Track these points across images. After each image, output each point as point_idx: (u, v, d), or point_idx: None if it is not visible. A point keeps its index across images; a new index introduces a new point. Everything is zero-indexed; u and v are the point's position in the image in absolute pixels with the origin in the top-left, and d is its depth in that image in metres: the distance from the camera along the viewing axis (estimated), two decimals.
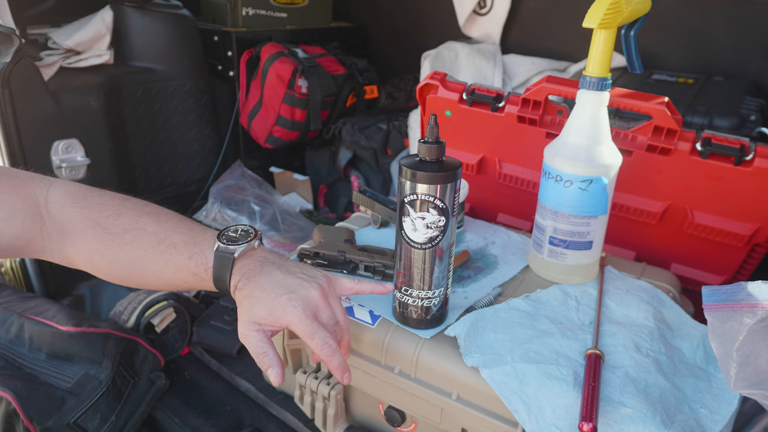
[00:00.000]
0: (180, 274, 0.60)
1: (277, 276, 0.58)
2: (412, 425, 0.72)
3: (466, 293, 0.75)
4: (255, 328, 0.57)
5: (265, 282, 0.58)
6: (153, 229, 0.60)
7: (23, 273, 1.17)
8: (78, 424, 0.80)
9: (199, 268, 0.59)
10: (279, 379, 0.56)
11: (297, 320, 0.56)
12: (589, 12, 0.65)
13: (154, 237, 0.60)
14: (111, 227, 0.60)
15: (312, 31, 1.76)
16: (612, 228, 0.78)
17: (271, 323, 0.57)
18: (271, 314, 0.57)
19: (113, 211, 0.61)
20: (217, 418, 0.88)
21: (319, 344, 0.57)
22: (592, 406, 0.54)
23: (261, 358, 0.56)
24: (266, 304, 0.57)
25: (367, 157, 1.57)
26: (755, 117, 1.03)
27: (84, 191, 0.62)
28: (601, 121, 0.70)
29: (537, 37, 1.52)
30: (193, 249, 0.60)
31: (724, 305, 0.48)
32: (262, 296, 0.57)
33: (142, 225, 0.60)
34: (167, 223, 0.61)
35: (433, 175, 0.58)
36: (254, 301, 0.57)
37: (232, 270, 0.59)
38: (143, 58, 1.39)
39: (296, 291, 0.57)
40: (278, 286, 0.58)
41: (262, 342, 0.57)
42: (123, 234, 0.60)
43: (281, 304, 0.56)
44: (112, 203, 0.62)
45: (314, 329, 0.57)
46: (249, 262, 0.60)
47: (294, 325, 0.57)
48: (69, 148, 1.20)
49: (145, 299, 0.99)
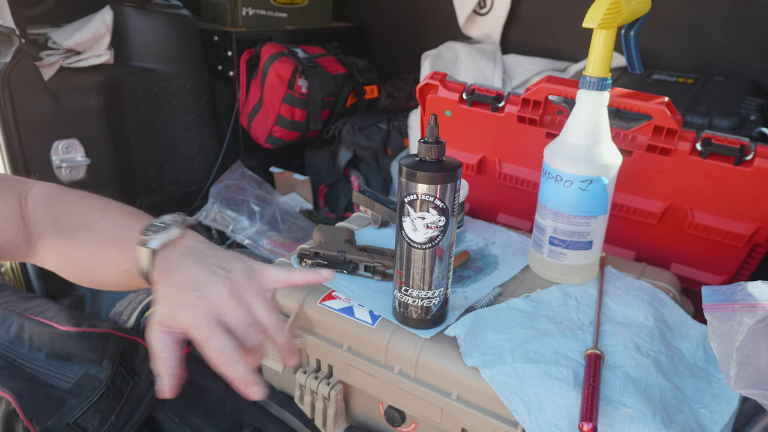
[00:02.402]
0: (117, 270, 0.56)
1: (191, 271, 0.52)
2: (412, 425, 0.72)
3: (466, 293, 0.75)
4: (160, 329, 0.50)
5: (178, 277, 0.51)
6: (100, 226, 0.57)
7: (23, 273, 1.17)
8: (78, 424, 0.80)
9: (130, 264, 0.54)
10: (168, 391, 0.49)
11: (192, 323, 0.49)
12: (589, 12, 0.65)
13: (100, 234, 0.57)
14: (65, 225, 0.58)
15: (312, 31, 1.76)
16: (612, 228, 0.78)
17: (173, 325, 0.50)
18: (171, 315, 0.50)
19: (68, 209, 0.59)
20: (217, 418, 0.87)
21: (213, 353, 0.48)
22: (592, 406, 0.54)
23: (158, 362, 0.49)
24: (169, 304, 0.50)
25: (367, 157, 1.57)
26: (755, 117, 1.03)
27: (56, 192, 0.61)
28: (601, 121, 0.70)
29: (537, 37, 1.52)
30: (125, 244, 0.54)
31: (724, 305, 0.48)
32: (168, 295, 0.51)
33: (90, 222, 0.57)
34: (116, 219, 0.58)
35: (433, 175, 0.58)
36: (161, 300, 0.51)
37: (153, 263, 0.53)
38: (143, 58, 1.39)
39: (201, 289, 0.50)
40: (189, 282, 0.51)
41: (164, 345, 0.50)
42: (75, 231, 0.57)
43: (181, 305, 0.50)
44: (69, 200, 0.60)
45: (208, 334, 0.48)
46: (170, 254, 0.53)
47: (189, 329, 0.49)
48: (69, 148, 1.20)
49: (146, 299, 0.99)
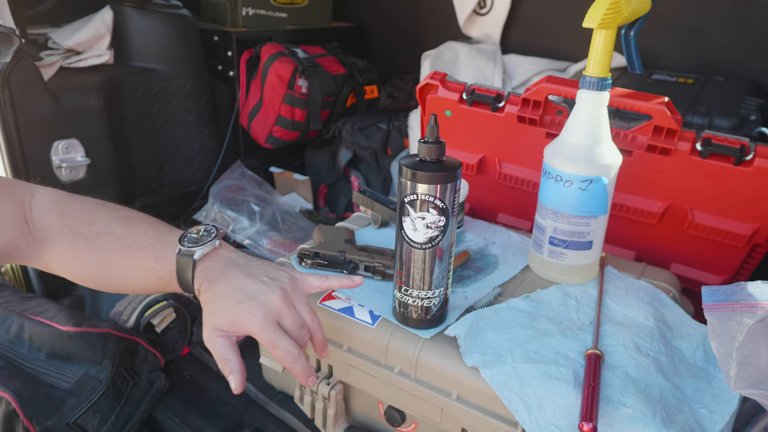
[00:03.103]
0: (149, 277, 0.60)
1: (238, 280, 0.58)
2: (412, 425, 0.72)
3: (466, 293, 0.75)
4: (219, 334, 0.56)
5: (226, 287, 0.57)
6: (123, 233, 0.60)
7: (23, 273, 1.17)
8: (78, 424, 0.80)
9: (164, 271, 0.59)
10: (239, 387, 0.56)
11: (258, 330, 0.55)
12: (589, 12, 0.65)
13: (124, 241, 0.60)
14: (85, 232, 0.60)
15: (312, 31, 1.76)
16: (612, 228, 0.78)
17: (234, 330, 0.56)
18: (233, 322, 0.56)
19: (87, 216, 0.61)
20: (217, 418, 0.87)
21: (281, 353, 0.56)
22: (592, 406, 0.54)
23: (223, 365, 0.56)
24: (227, 312, 0.56)
25: (367, 157, 1.57)
26: (755, 117, 1.03)
27: (63, 198, 0.63)
28: (601, 121, 0.70)
29: (537, 37, 1.51)
30: (158, 252, 0.59)
31: (724, 305, 0.48)
32: (222, 303, 0.57)
33: (112, 229, 0.60)
34: (137, 226, 0.61)
35: (433, 175, 0.58)
36: (216, 308, 0.57)
37: (194, 273, 0.58)
38: (143, 58, 1.39)
39: (257, 298, 0.56)
40: (239, 291, 0.57)
41: (225, 348, 0.56)
42: (95, 239, 0.60)
43: (241, 312, 0.56)
44: (86, 209, 0.62)
45: (275, 339, 0.56)
46: (211, 264, 0.59)
47: (255, 335, 0.56)
48: (69, 148, 1.20)
49: (145, 299, 0.99)
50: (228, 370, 0.56)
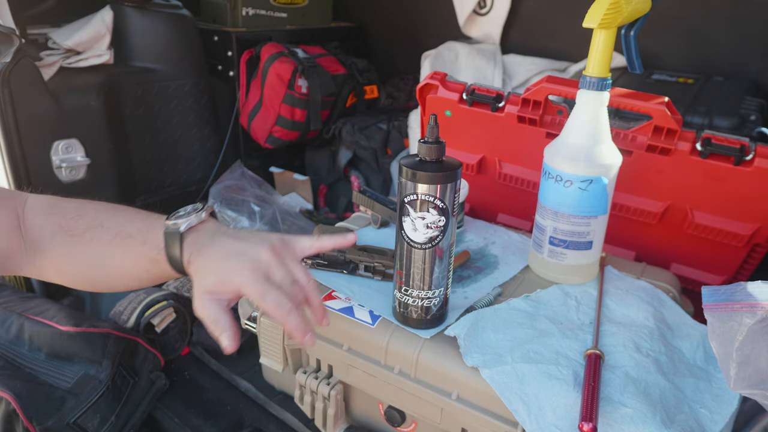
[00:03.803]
0: (139, 262, 0.59)
1: (227, 244, 0.57)
2: (412, 425, 0.72)
3: (466, 293, 0.75)
4: (208, 298, 0.55)
5: (215, 251, 0.56)
6: (110, 224, 0.60)
7: None
8: (78, 424, 0.80)
9: (153, 251, 0.58)
10: (231, 345, 0.54)
11: (245, 281, 0.54)
12: (589, 12, 0.65)
13: (112, 231, 0.60)
14: (73, 228, 0.60)
15: (312, 31, 1.76)
16: (612, 228, 0.78)
17: (223, 290, 0.55)
18: (220, 280, 0.55)
19: (75, 213, 0.61)
20: (217, 418, 0.88)
21: (272, 305, 0.54)
22: (592, 406, 0.54)
23: (213, 326, 0.54)
24: (215, 271, 0.55)
25: (367, 157, 1.57)
26: (755, 117, 1.03)
27: (53, 200, 0.63)
28: (601, 121, 0.70)
29: (537, 37, 1.51)
30: (146, 235, 0.59)
31: (723, 305, 0.48)
32: (210, 264, 0.56)
33: (100, 221, 0.60)
34: (124, 216, 0.61)
35: (433, 175, 0.58)
36: (204, 271, 0.56)
37: (182, 245, 0.57)
38: (143, 58, 1.39)
39: (245, 253, 0.55)
40: (227, 252, 0.56)
41: (215, 310, 0.54)
42: (84, 233, 0.60)
43: (229, 268, 0.54)
44: (74, 206, 0.62)
45: (265, 289, 0.54)
46: (198, 235, 0.58)
47: (244, 288, 0.54)
48: (69, 148, 1.20)
49: (145, 299, 0.99)
50: (219, 330, 0.54)
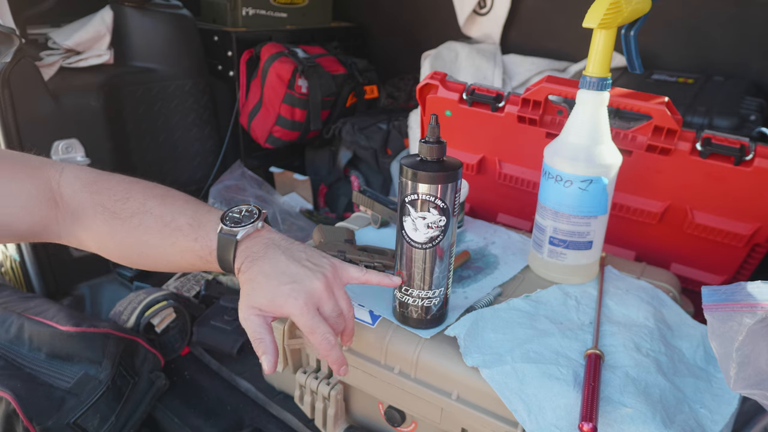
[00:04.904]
0: (186, 256, 0.60)
1: (281, 262, 0.57)
2: (412, 425, 0.72)
3: (466, 293, 0.75)
4: (255, 313, 0.56)
5: (269, 267, 0.57)
6: (159, 212, 0.60)
7: (23, 273, 1.17)
8: (78, 424, 0.80)
9: (204, 250, 0.59)
10: (271, 368, 0.56)
11: (298, 313, 0.56)
12: (589, 12, 0.65)
13: (161, 220, 0.60)
14: (119, 211, 0.60)
15: (312, 31, 1.76)
16: (612, 228, 0.78)
17: (272, 311, 0.57)
18: (273, 303, 0.56)
19: (121, 195, 0.61)
20: (217, 418, 0.88)
21: (319, 339, 0.56)
22: (592, 406, 0.54)
23: (257, 344, 0.56)
24: (268, 292, 0.56)
25: (367, 157, 1.57)
26: (755, 117, 1.03)
27: (94, 176, 0.63)
28: (601, 121, 0.70)
29: (537, 37, 1.51)
30: (197, 231, 0.59)
31: (723, 305, 0.48)
32: (264, 282, 0.56)
33: (148, 208, 0.60)
34: (173, 205, 0.61)
35: (434, 174, 0.58)
36: (256, 287, 0.57)
37: (235, 252, 0.58)
38: (143, 58, 1.39)
39: (299, 281, 0.56)
40: (281, 273, 0.57)
41: (261, 327, 0.56)
42: (131, 218, 0.60)
43: (283, 295, 0.56)
44: (120, 187, 0.62)
45: (315, 324, 0.56)
46: (253, 245, 0.59)
47: (295, 318, 0.56)
48: (69, 148, 1.20)
49: (145, 299, 0.99)
50: (261, 350, 0.56)
